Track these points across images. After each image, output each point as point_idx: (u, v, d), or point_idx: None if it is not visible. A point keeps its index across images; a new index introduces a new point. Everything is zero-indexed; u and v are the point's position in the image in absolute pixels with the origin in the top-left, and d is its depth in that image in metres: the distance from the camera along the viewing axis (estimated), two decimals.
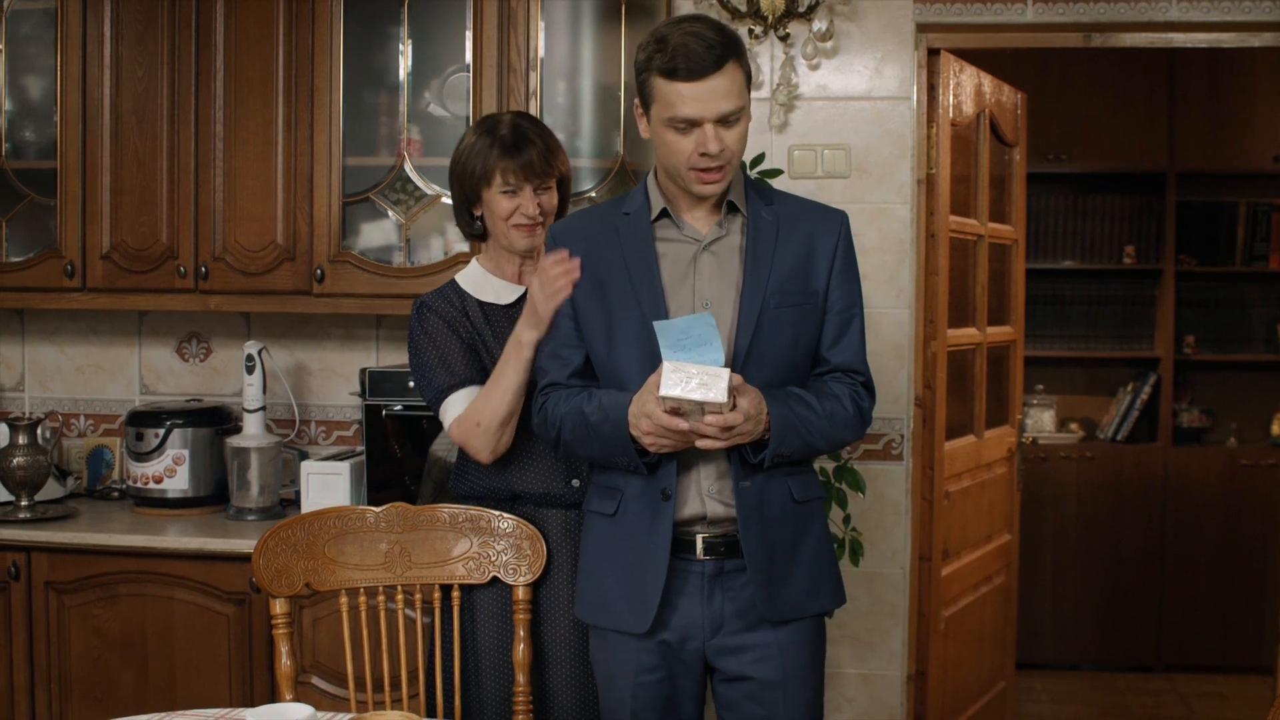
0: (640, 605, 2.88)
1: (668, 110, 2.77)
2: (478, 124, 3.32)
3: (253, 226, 4.22)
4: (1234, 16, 4.32)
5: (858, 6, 4.36)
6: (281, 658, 3.14)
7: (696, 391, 2.63)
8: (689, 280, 2.88)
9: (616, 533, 2.93)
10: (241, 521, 4.19)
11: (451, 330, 3.24)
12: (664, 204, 2.91)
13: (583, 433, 2.88)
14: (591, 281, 2.91)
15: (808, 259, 2.92)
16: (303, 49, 4.17)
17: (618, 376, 2.88)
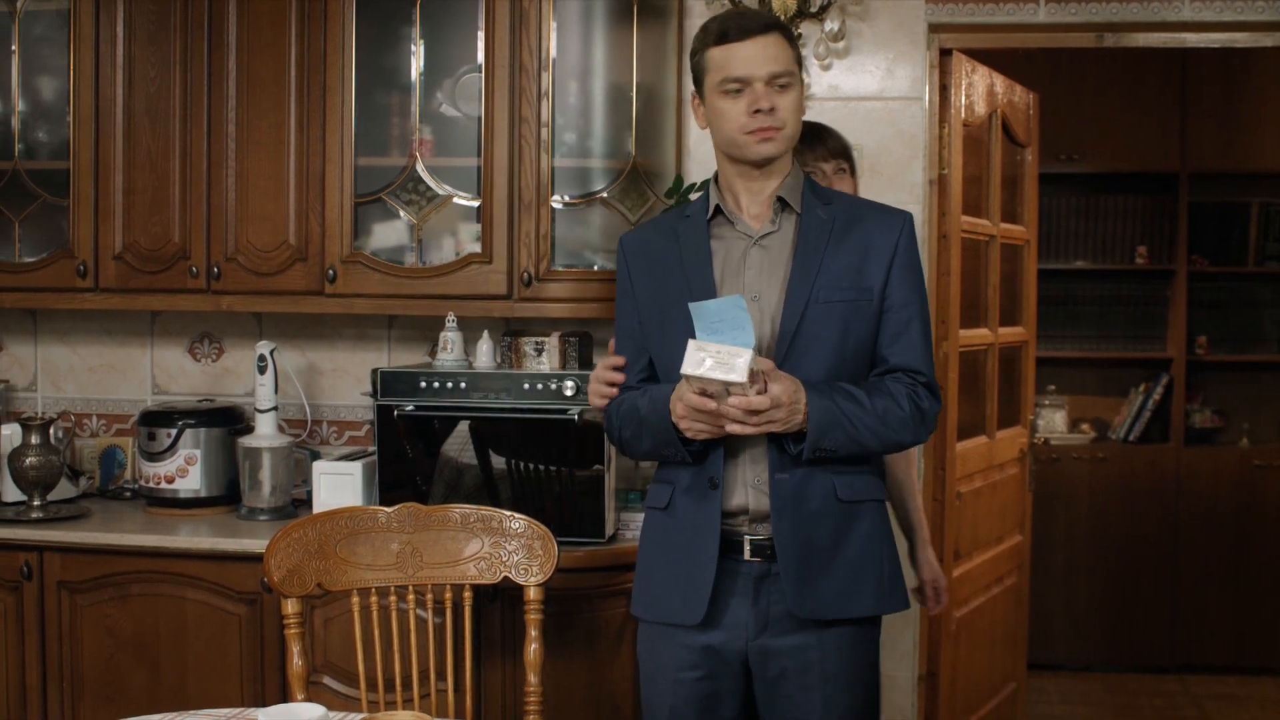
0: (693, 596, 2.89)
1: (719, 74, 2.89)
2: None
3: (265, 227, 4.22)
4: (1247, 16, 4.31)
5: (870, 7, 4.36)
6: (293, 658, 3.15)
7: (715, 370, 2.64)
8: (740, 275, 2.94)
9: (669, 526, 2.97)
10: (253, 521, 4.20)
11: None
12: (719, 201, 2.99)
13: (637, 427, 2.96)
14: (654, 285, 3.01)
15: (863, 256, 2.93)
16: (315, 49, 4.17)
17: (672, 373, 2.88)
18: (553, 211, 4.08)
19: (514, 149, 4.07)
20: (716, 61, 2.90)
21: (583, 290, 4.06)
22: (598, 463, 3.87)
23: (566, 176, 4.11)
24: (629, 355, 3.05)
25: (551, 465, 3.91)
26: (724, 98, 2.89)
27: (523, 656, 3.27)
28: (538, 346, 4.04)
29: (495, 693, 3.86)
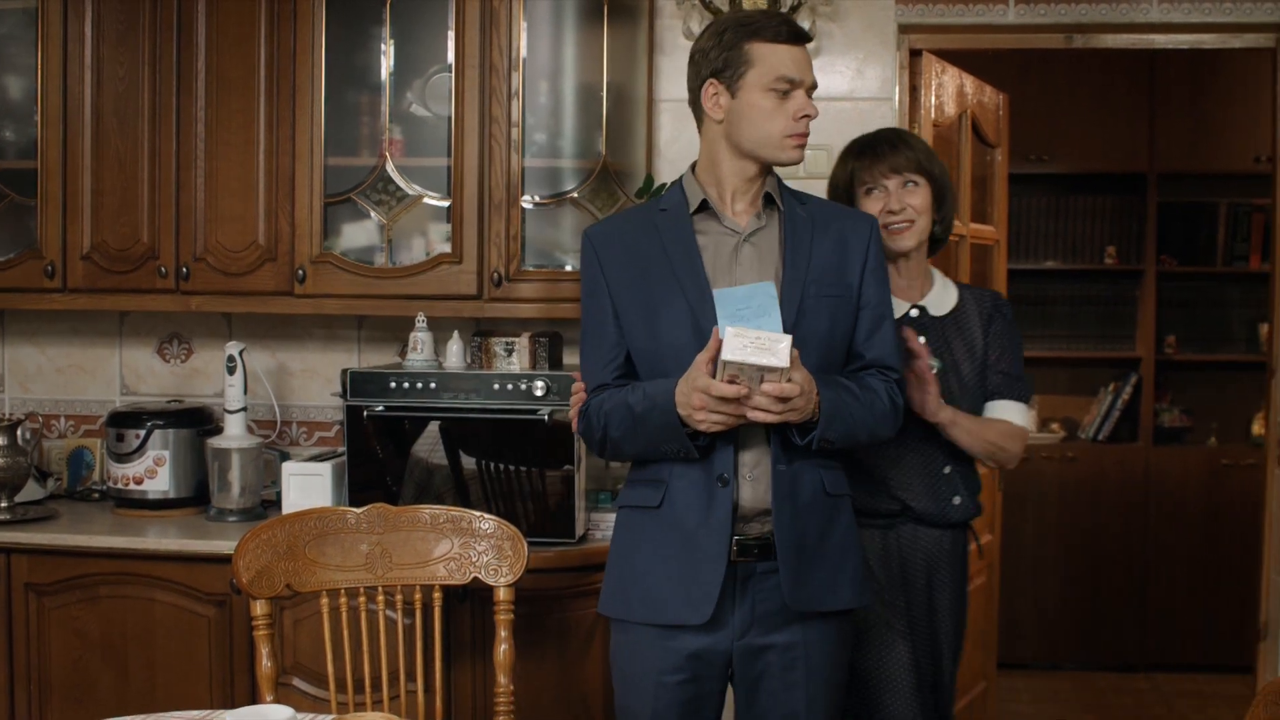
0: (699, 595, 2.88)
1: (772, 73, 2.89)
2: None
3: (234, 227, 4.20)
4: (1214, 18, 4.34)
5: (840, 7, 4.37)
6: (262, 659, 3.14)
7: (759, 355, 2.64)
8: (731, 271, 2.94)
9: (662, 525, 2.92)
10: (222, 523, 4.18)
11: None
12: (702, 197, 2.97)
13: (630, 426, 2.90)
14: (632, 278, 2.96)
15: (842, 254, 2.99)
16: (284, 49, 4.16)
17: (661, 368, 2.89)
18: (523, 211, 4.08)
19: (484, 149, 4.06)
20: (766, 58, 2.89)
21: (553, 290, 4.06)
22: (568, 463, 3.87)
23: (537, 176, 4.11)
24: (602, 351, 3.00)
25: (521, 466, 3.91)
26: (769, 95, 2.90)
27: (493, 657, 3.27)
28: (508, 347, 4.04)
29: (465, 693, 3.86)
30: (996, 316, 3.45)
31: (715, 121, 2.95)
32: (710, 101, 2.94)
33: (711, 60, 2.92)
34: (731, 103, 2.92)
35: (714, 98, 2.94)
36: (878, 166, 3.31)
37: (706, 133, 3.00)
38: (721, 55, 2.91)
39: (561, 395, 3.84)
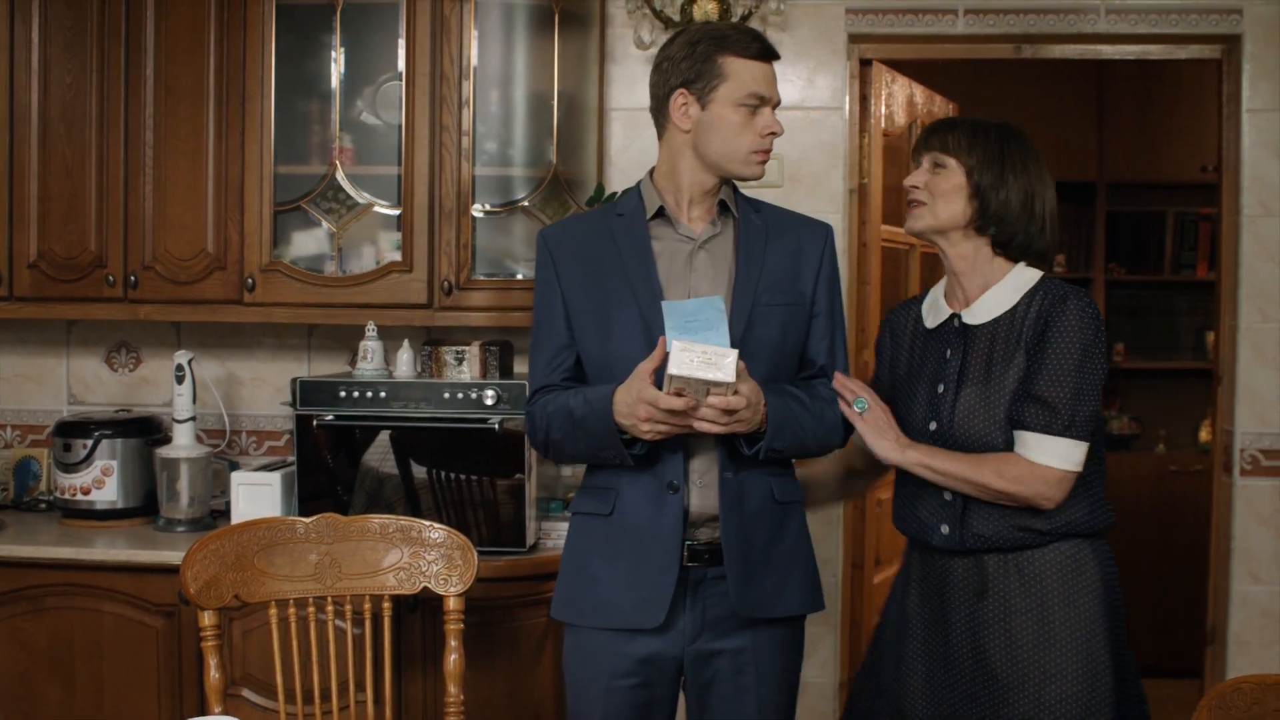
0: (649, 601, 2.89)
1: (743, 88, 2.90)
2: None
3: (183, 235, 4.18)
4: (1161, 29, 4.38)
5: (790, 17, 4.39)
6: (210, 670, 3.12)
7: (705, 370, 2.64)
8: (685, 278, 2.94)
9: (613, 531, 2.93)
10: (171, 533, 4.15)
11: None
12: (660, 204, 2.97)
13: (569, 429, 2.91)
14: (585, 281, 2.96)
15: (795, 262, 3.01)
16: (234, 56, 4.14)
17: (612, 374, 2.89)
18: (474, 220, 4.07)
19: (435, 157, 4.05)
20: (739, 73, 2.90)
21: (504, 299, 4.06)
22: (518, 472, 3.86)
23: (487, 185, 4.10)
24: (550, 351, 3.00)
25: (472, 475, 3.90)
26: (739, 111, 2.91)
27: (443, 667, 3.26)
28: (458, 356, 4.03)
29: (416, 703, 3.85)
30: (1052, 325, 2.89)
31: (682, 131, 2.95)
32: (679, 111, 2.94)
33: (683, 70, 2.92)
34: (701, 114, 2.92)
35: (683, 108, 2.93)
36: (920, 144, 3.12)
37: (669, 141, 2.99)
38: (694, 66, 2.90)
39: (512, 404, 3.83)
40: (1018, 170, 2.98)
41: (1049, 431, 2.84)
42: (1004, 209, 2.97)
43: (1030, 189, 2.98)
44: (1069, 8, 4.38)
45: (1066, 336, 2.87)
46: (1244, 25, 4.35)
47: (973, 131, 3.02)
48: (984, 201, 2.96)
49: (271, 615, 3.22)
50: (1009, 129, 3.06)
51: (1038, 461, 2.84)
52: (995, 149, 2.99)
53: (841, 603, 4.53)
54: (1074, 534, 2.95)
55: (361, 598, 3.26)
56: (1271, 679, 2.16)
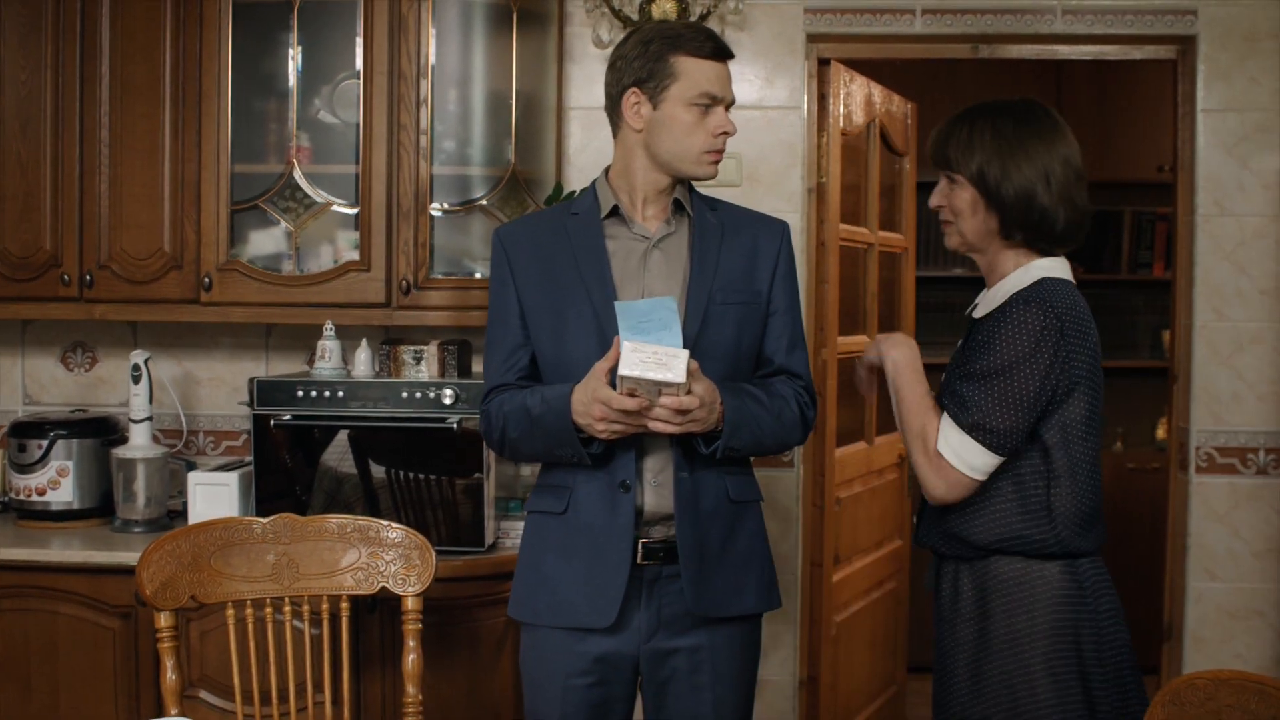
0: (602, 600, 2.90)
1: (695, 88, 2.91)
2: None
3: (139, 234, 4.15)
4: (1117, 29, 4.40)
5: (749, 16, 4.39)
6: (167, 672, 3.11)
7: (656, 371, 2.65)
8: (639, 277, 2.95)
9: (567, 530, 2.94)
10: (128, 534, 4.13)
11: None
12: (614, 203, 2.97)
13: (526, 428, 2.91)
14: (540, 280, 2.96)
15: (751, 260, 3.03)
16: (190, 54, 4.12)
17: (566, 373, 2.89)
18: (432, 219, 4.06)
19: (392, 156, 4.04)
20: (692, 73, 2.90)
21: (462, 299, 4.05)
22: (477, 471, 3.86)
23: (446, 184, 4.09)
24: (505, 350, 3.00)
25: (431, 474, 3.89)
26: (691, 110, 2.91)
27: (402, 667, 3.25)
28: (416, 355, 4.02)
29: (375, 704, 3.83)
30: (994, 329, 2.82)
31: (634, 130, 2.95)
32: (631, 110, 2.94)
33: (635, 69, 2.92)
34: (653, 114, 2.93)
35: (635, 107, 2.94)
36: (931, 157, 3.02)
37: (623, 140, 3.00)
38: (646, 65, 2.91)
39: (471, 404, 3.83)
40: (1019, 159, 2.88)
41: (954, 421, 2.79)
42: (1006, 211, 2.89)
43: (1031, 177, 2.86)
44: (1026, 8, 4.40)
45: (996, 343, 2.78)
46: (1199, 26, 4.38)
47: (970, 131, 2.95)
48: (1000, 208, 2.88)
49: (229, 616, 3.20)
50: (1006, 109, 2.98)
51: (940, 449, 2.80)
52: (993, 147, 2.91)
53: (801, 601, 4.54)
54: (1021, 554, 2.83)
55: (319, 598, 3.25)
56: (1225, 675, 2.18)
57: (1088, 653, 2.79)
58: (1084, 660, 2.78)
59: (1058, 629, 2.78)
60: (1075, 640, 2.78)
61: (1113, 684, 2.80)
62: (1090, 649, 2.79)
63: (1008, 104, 3.00)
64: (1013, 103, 3.01)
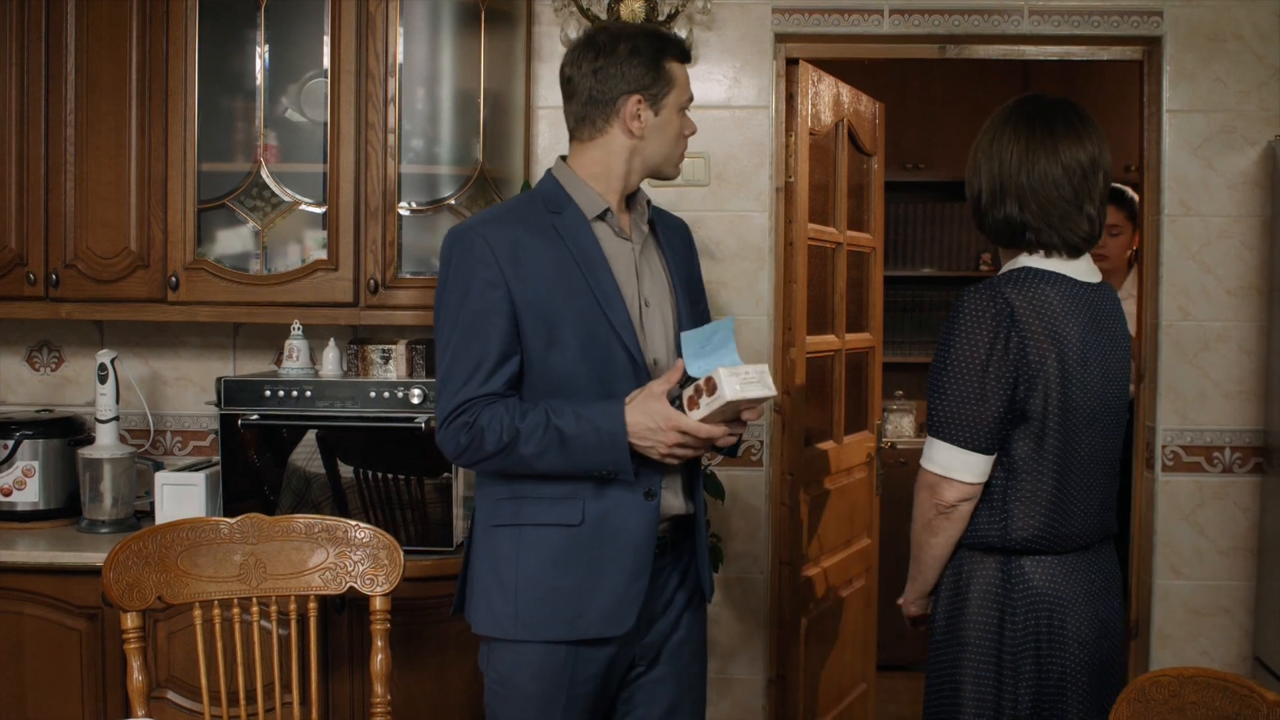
0: (623, 608, 2.89)
1: (684, 93, 3.01)
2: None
3: (105, 233, 4.13)
4: (1083, 30, 4.42)
5: (717, 16, 4.40)
6: (133, 673, 3.10)
7: (755, 389, 2.73)
8: (633, 282, 2.95)
9: (584, 542, 2.88)
10: (94, 534, 4.11)
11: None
12: (605, 206, 2.96)
13: (554, 445, 2.80)
14: (540, 284, 2.86)
15: (689, 256, 3.17)
16: (156, 52, 4.10)
17: (558, 382, 2.87)
18: (400, 218, 4.05)
19: (360, 155, 4.03)
20: (679, 78, 2.98)
21: (430, 298, 4.02)
22: (446, 471, 3.85)
23: (414, 183, 4.09)
24: (489, 358, 2.84)
25: (399, 474, 3.89)
26: (679, 115, 3.00)
27: (370, 667, 3.24)
28: (384, 354, 4.01)
29: (344, 704, 3.83)
30: (952, 310, 2.88)
31: (632, 135, 2.94)
32: (632, 116, 2.93)
33: (636, 75, 2.91)
34: (654, 119, 2.95)
35: (644, 111, 2.94)
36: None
37: (608, 143, 2.96)
38: (649, 72, 2.92)
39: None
40: (980, 160, 2.94)
41: (930, 435, 2.85)
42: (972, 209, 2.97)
43: (992, 174, 2.90)
44: (993, 9, 4.41)
45: (945, 338, 2.82)
46: (1164, 27, 4.40)
47: (981, 134, 3.02)
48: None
49: (196, 616, 3.19)
50: (1008, 108, 3.02)
51: (924, 467, 2.89)
52: (975, 147, 2.98)
53: (770, 600, 4.55)
54: (966, 545, 2.88)
55: (287, 598, 3.24)
56: (1190, 672, 2.19)
57: (1018, 659, 2.81)
58: (1018, 665, 2.81)
59: (1001, 632, 2.82)
60: (1021, 645, 2.81)
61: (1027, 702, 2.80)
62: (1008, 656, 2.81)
63: (1016, 102, 3.03)
64: (1017, 101, 3.04)
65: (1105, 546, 2.95)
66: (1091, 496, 2.85)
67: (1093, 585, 2.86)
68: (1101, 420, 2.84)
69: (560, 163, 3.04)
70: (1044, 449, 2.79)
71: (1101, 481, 2.88)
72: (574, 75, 2.97)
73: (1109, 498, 2.92)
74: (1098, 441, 2.84)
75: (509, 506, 2.93)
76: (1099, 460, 2.86)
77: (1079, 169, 2.86)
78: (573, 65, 2.97)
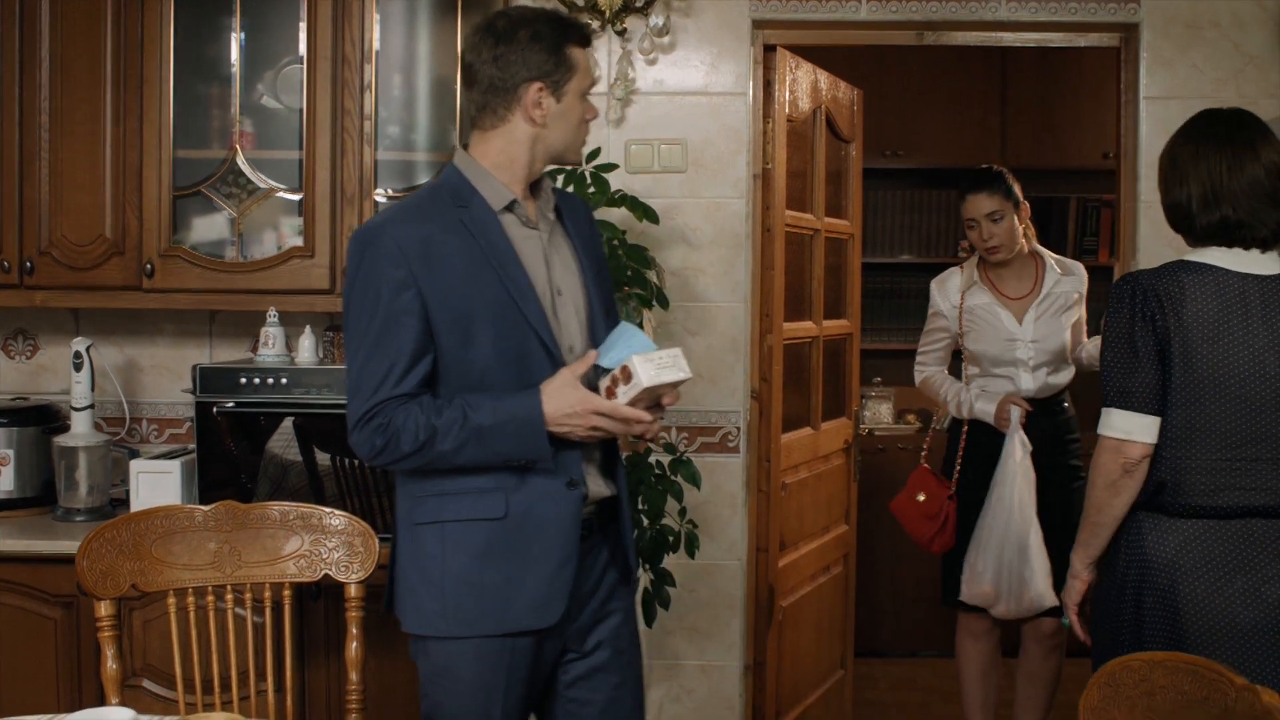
0: (553, 600, 2.87)
1: (587, 78, 2.97)
2: None
3: (80, 220, 4.11)
4: (1060, 17, 4.43)
5: (694, 2, 4.40)
6: (107, 661, 3.09)
7: (671, 373, 2.78)
8: (542, 270, 2.92)
9: (504, 534, 2.86)
10: (70, 523, 4.09)
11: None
12: (513, 197, 2.92)
13: (473, 438, 2.78)
14: (451, 281, 2.82)
15: (593, 233, 3.13)
16: (132, 38, 4.08)
17: (474, 378, 2.84)
18: (376, 205, 4.05)
19: (336, 142, 4.02)
20: (581, 63, 2.92)
21: None
22: None
23: (390, 170, 4.08)
24: (402, 359, 2.79)
25: None
26: (582, 101, 2.95)
27: (344, 655, 3.24)
28: None
29: (320, 692, 3.83)
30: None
31: (534, 123, 2.90)
32: (534, 104, 2.88)
33: (538, 62, 2.86)
34: (556, 106, 2.90)
35: (539, 100, 2.88)
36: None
37: (511, 131, 2.90)
38: (550, 58, 2.87)
39: None
40: (1188, 171, 3.22)
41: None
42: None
43: (1202, 182, 3.16)
44: None
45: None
46: (1142, 14, 4.41)
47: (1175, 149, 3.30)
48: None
49: (170, 604, 3.18)
50: (1198, 124, 3.27)
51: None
52: (1172, 160, 3.28)
53: (746, 586, 4.56)
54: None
55: (262, 586, 3.23)
56: (1159, 657, 2.20)
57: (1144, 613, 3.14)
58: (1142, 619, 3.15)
59: (1124, 586, 3.19)
60: (1139, 596, 3.15)
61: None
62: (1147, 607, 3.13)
63: (1204, 117, 3.31)
64: (1204, 116, 3.31)
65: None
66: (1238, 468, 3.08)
67: (1225, 554, 3.07)
68: (1240, 394, 3.06)
69: (463, 152, 2.98)
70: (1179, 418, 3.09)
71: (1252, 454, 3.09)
72: (474, 62, 2.90)
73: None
74: (1238, 413, 3.07)
75: (432, 503, 2.90)
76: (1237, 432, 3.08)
77: (1275, 169, 3.13)
78: (473, 52, 2.90)
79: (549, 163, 2.97)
